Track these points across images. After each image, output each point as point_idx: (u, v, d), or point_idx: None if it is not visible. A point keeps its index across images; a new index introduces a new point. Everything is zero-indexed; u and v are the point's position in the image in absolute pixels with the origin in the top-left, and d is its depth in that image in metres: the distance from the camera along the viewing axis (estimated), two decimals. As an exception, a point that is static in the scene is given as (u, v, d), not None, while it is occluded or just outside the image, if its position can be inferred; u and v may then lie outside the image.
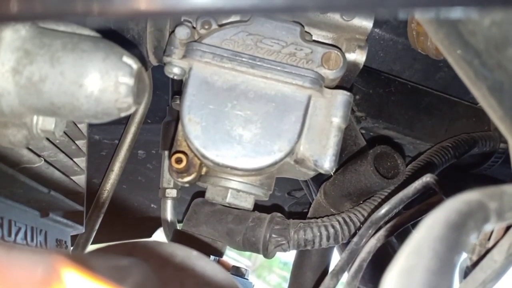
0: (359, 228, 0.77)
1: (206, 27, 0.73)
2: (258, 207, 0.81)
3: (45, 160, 0.76)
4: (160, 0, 0.31)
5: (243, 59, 0.70)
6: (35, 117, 0.56)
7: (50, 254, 0.33)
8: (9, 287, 0.31)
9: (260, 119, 0.70)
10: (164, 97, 1.14)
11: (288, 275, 1.00)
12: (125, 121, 1.15)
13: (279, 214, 0.82)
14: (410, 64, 1.01)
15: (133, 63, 0.53)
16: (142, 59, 0.78)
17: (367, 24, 0.75)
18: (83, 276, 0.32)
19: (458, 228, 0.30)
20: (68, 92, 0.51)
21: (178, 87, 0.86)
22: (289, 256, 0.95)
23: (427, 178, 0.63)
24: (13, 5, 0.31)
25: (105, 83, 0.51)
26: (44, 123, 0.57)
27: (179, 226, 1.06)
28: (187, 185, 0.75)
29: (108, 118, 0.54)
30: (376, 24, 0.86)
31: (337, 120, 0.71)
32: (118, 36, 0.74)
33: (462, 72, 0.42)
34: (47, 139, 0.76)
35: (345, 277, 0.70)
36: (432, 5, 0.34)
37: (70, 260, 0.33)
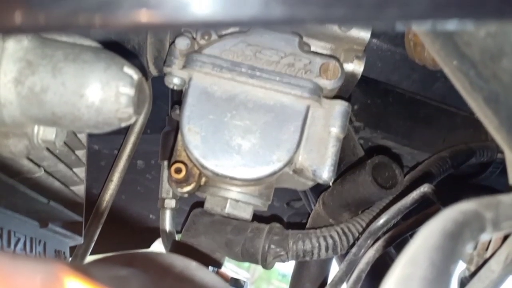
0: (358, 238, 0.77)
1: (206, 37, 0.73)
2: (257, 217, 0.81)
3: (45, 170, 0.77)
4: (161, 12, 0.31)
5: (242, 70, 0.71)
6: (36, 127, 0.57)
7: (52, 262, 0.33)
8: (11, 295, 0.31)
9: (259, 129, 0.70)
10: (164, 107, 1.14)
11: (286, 287, 1.00)
12: (124, 131, 1.15)
13: (278, 225, 0.82)
14: (408, 74, 1.01)
15: (134, 74, 0.54)
16: (142, 70, 0.78)
17: (364, 35, 0.75)
18: (85, 284, 0.33)
19: (454, 237, 0.30)
20: (69, 102, 0.52)
21: (178, 97, 0.86)
22: (288, 268, 0.95)
23: (424, 188, 0.64)
24: (17, 17, 0.32)
25: (106, 93, 0.52)
26: (45, 133, 0.57)
27: (178, 237, 1.06)
28: (186, 195, 0.75)
29: (108, 128, 0.55)
30: (374, 34, 0.87)
31: (335, 130, 0.71)
32: (119, 46, 0.75)
33: (458, 82, 0.43)
34: (47, 149, 0.76)
35: None
36: (428, 17, 0.35)
37: (72, 269, 0.33)
